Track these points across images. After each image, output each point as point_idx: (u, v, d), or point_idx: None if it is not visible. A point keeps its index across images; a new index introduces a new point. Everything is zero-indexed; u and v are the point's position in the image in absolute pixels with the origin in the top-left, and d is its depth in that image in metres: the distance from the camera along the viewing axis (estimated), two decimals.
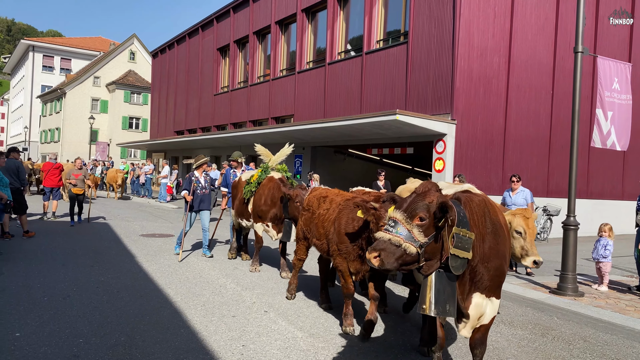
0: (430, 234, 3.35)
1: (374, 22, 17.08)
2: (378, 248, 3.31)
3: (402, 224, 3.33)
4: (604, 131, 8.20)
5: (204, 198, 9.66)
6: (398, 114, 12.36)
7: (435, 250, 3.41)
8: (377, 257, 3.29)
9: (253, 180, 8.71)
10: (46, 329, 5.15)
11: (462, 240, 3.37)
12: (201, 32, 29.15)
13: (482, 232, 3.60)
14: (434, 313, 3.45)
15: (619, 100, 8.27)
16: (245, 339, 5.10)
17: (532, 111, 15.45)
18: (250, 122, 24.03)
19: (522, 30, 15.01)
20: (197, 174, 9.70)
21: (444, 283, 3.50)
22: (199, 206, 9.57)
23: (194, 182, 9.51)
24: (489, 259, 3.63)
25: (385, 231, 3.37)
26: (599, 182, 17.26)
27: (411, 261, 3.33)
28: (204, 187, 9.67)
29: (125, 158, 45.07)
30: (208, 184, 9.81)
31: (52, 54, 56.65)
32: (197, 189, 9.53)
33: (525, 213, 5.22)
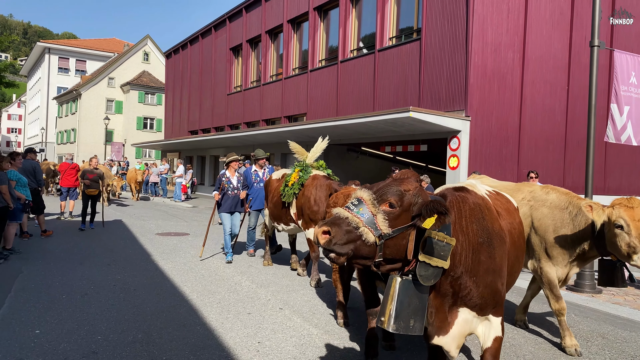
0: (396, 226, 2.77)
1: (386, 19, 17.01)
2: (330, 222, 2.72)
3: (366, 205, 2.76)
4: (618, 126, 8.08)
5: (236, 200, 9.02)
6: (411, 111, 12.32)
7: (399, 249, 2.83)
8: (326, 234, 2.68)
9: (294, 181, 7.81)
10: (65, 326, 5.22)
11: (436, 246, 2.81)
12: (214, 32, 29.29)
13: (471, 241, 3.03)
14: (393, 329, 2.87)
15: (636, 94, 8.14)
16: (260, 336, 5.13)
17: (548, 107, 15.29)
18: (263, 121, 24.11)
19: (536, 25, 14.85)
20: (229, 173, 9.04)
21: (411, 294, 2.93)
22: (230, 208, 8.99)
23: (224, 182, 8.91)
24: (478, 274, 3.05)
25: (345, 208, 2.78)
26: (616, 178, 17.03)
27: (366, 253, 2.73)
28: (235, 187, 8.98)
29: (140, 158, 45.49)
30: (242, 184, 9.16)
31: (67, 55, 57.34)
32: (227, 189, 8.89)
33: (629, 202, 4.32)
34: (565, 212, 4.98)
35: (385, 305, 2.94)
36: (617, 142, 8.39)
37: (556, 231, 4.98)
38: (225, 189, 8.87)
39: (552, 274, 5.06)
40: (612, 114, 8.18)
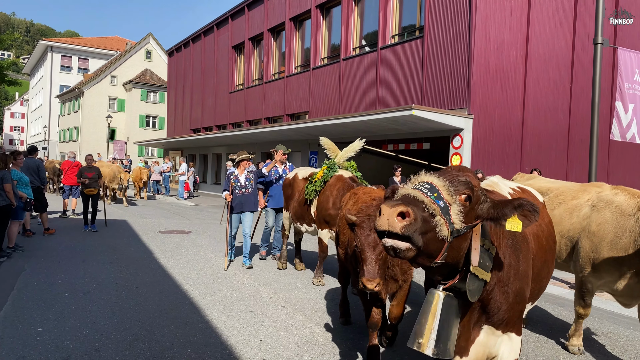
0: (467, 224, 2.33)
1: (388, 17, 16.97)
2: (407, 201, 2.16)
3: (441, 192, 2.26)
4: (623, 124, 8.06)
5: (245, 199, 8.51)
6: (414, 109, 12.29)
7: (458, 253, 2.40)
8: (403, 216, 2.09)
9: (317, 179, 7.50)
10: (68, 323, 5.23)
11: (484, 255, 2.47)
12: (216, 30, 29.27)
13: (500, 245, 2.69)
14: (433, 353, 2.48)
15: None
16: (263, 334, 5.13)
17: (551, 105, 15.24)
18: (265, 119, 24.10)
19: (539, 22, 14.80)
20: (237, 171, 8.62)
21: (453, 313, 2.55)
22: (239, 208, 8.50)
23: (232, 181, 8.53)
24: (508, 282, 2.70)
25: (418, 190, 2.24)
26: (619, 176, 16.98)
27: (433, 250, 2.23)
28: (243, 186, 8.53)
29: (143, 156, 45.54)
30: (252, 182, 8.63)
31: (69, 54, 57.37)
32: (235, 188, 8.49)
33: None
34: (631, 219, 4.32)
35: (423, 325, 2.52)
36: (623, 140, 8.37)
37: (614, 242, 4.38)
38: (233, 188, 8.49)
39: (592, 285, 4.71)
40: (617, 111, 8.16)
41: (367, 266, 3.50)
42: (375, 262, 3.53)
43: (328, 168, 7.51)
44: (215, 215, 16.60)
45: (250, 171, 8.67)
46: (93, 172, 11.89)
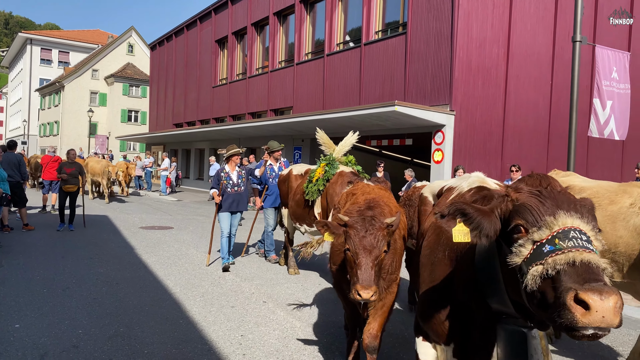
0: None
1: (372, 13, 16.99)
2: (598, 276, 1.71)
3: (592, 238, 1.85)
4: (601, 120, 8.20)
5: (237, 198, 8.02)
6: (397, 105, 12.34)
7: None
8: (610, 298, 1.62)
9: (318, 177, 7.05)
10: (46, 320, 5.17)
11: None
12: (199, 24, 29.02)
13: None
14: None
15: (618, 89, 8.27)
16: (243, 329, 5.13)
17: (531, 102, 15.42)
18: (249, 114, 23.99)
19: (521, 20, 14.95)
20: (228, 168, 8.09)
21: None
22: (230, 207, 7.97)
23: (222, 179, 7.95)
24: None
25: (586, 250, 1.76)
26: (598, 172, 17.26)
27: None
28: (236, 184, 8.01)
29: (125, 151, 45.05)
30: (243, 179, 8.14)
31: (50, 47, 56.40)
32: (226, 186, 7.92)
33: None
34: None
35: None
36: (601, 136, 8.51)
37: None
38: (224, 186, 7.91)
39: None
40: (594, 108, 8.29)
41: (362, 272, 3.17)
42: (371, 267, 3.19)
43: (328, 165, 7.09)
44: (198, 211, 16.52)
45: (241, 168, 8.23)
46: (74, 167, 11.19)
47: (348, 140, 7.47)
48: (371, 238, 3.25)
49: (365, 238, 3.26)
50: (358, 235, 3.28)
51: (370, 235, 3.26)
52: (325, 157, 7.33)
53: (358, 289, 3.11)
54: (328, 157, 7.26)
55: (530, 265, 1.81)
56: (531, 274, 1.79)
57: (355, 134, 7.58)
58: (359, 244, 3.25)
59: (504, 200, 2.08)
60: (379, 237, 3.27)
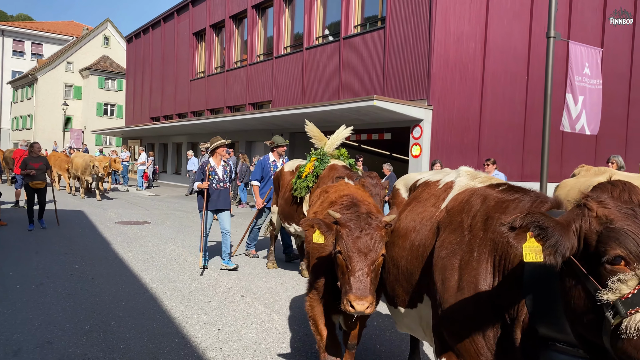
0: None
1: (351, 7, 16.99)
2: None
3: None
4: (573, 115, 8.35)
5: (222, 194, 7.49)
6: (375, 99, 12.38)
7: None
8: None
9: (307, 173, 6.64)
10: (19, 316, 5.08)
11: None
12: (177, 16, 28.64)
13: None
14: None
15: (590, 85, 8.43)
16: (221, 323, 5.11)
17: (508, 96, 15.61)
18: (227, 108, 23.81)
19: (497, 16, 15.10)
20: (213, 161, 7.48)
21: None
22: (216, 205, 7.42)
23: (208, 173, 7.35)
24: None
25: None
26: (572, 166, 17.46)
27: None
28: (221, 179, 7.47)
29: (101, 145, 44.34)
30: (228, 175, 7.62)
31: (22, 38, 55.03)
32: (212, 182, 7.35)
33: None
34: None
35: None
36: (572, 131, 8.67)
37: None
38: (209, 181, 7.34)
39: None
40: (567, 103, 8.44)
41: (357, 280, 2.71)
42: (367, 274, 2.74)
43: (318, 159, 6.69)
44: (175, 206, 16.36)
45: (227, 163, 7.71)
46: (40, 162, 10.51)
47: (340, 134, 7.14)
48: (367, 239, 2.82)
49: (361, 239, 2.82)
50: (352, 235, 2.83)
51: (366, 236, 2.83)
52: (315, 151, 6.96)
53: (351, 299, 2.67)
54: (318, 151, 6.89)
55: (632, 308, 1.57)
56: (635, 321, 1.55)
57: (348, 127, 7.33)
58: (352, 246, 2.80)
59: (584, 214, 1.76)
60: (377, 237, 2.85)
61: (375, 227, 2.88)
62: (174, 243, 9.53)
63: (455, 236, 2.48)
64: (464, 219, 2.51)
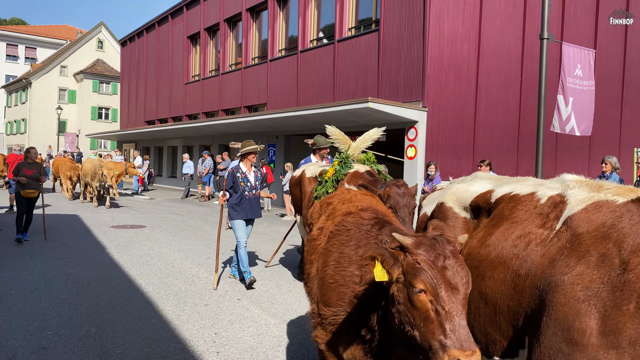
0: None
1: (345, 9, 17.03)
2: None
3: None
4: (563, 117, 8.41)
5: (255, 203, 6.90)
6: (370, 101, 12.41)
7: None
8: None
9: (328, 178, 6.19)
10: (14, 322, 5.06)
11: None
12: (171, 19, 28.62)
13: None
14: None
15: (581, 86, 8.48)
16: (217, 327, 5.11)
17: (502, 98, 15.68)
18: (222, 111, 23.79)
19: (491, 17, 15.17)
20: (244, 167, 6.90)
21: None
22: (249, 214, 6.84)
23: (239, 180, 6.80)
24: None
25: None
26: (567, 167, 17.58)
27: None
28: (254, 186, 6.87)
29: (96, 149, 44.20)
30: (260, 181, 7.01)
31: (16, 42, 54.84)
32: (244, 189, 6.78)
33: None
34: None
35: None
36: (562, 132, 8.72)
37: None
38: (241, 189, 6.78)
39: None
40: (558, 104, 8.49)
41: (456, 327, 2.03)
42: (464, 317, 2.09)
43: (340, 164, 6.20)
44: (171, 209, 16.32)
45: (257, 168, 7.18)
46: (34, 169, 9.65)
47: (368, 135, 6.56)
48: (457, 269, 2.15)
49: (448, 270, 2.12)
50: (436, 266, 2.12)
51: (454, 266, 2.14)
52: (339, 154, 6.44)
53: (457, 356, 1.97)
54: (342, 154, 6.37)
55: None
56: None
57: (380, 128, 6.81)
58: (442, 281, 2.09)
59: None
60: (464, 267, 2.19)
61: (457, 253, 2.22)
62: (169, 247, 9.51)
63: (599, 273, 1.99)
64: (611, 250, 2.02)
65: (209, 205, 18.23)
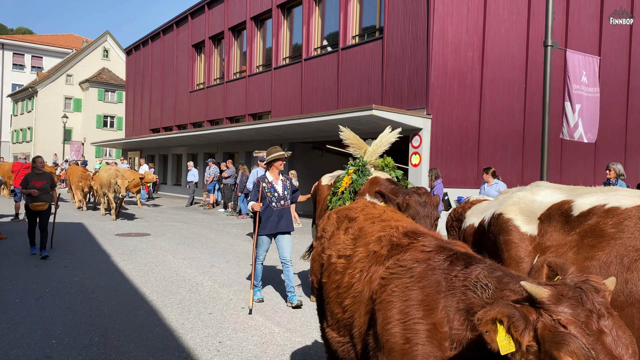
0: None
1: (349, 17, 17.09)
2: None
3: None
4: (571, 124, 8.38)
5: (283, 215, 6.20)
6: (374, 109, 12.41)
7: None
8: None
9: (344, 187, 5.62)
10: (18, 331, 5.05)
11: None
12: (176, 28, 28.81)
13: None
14: None
15: (587, 93, 8.46)
16: (221, 336, 5.09)
17: (506, 105, 15.66)
18: (226, 118, 23.87)
19: (495, 25, 15.19)
20: (271, 176, 6.26)
21: None
22: (276, 227, 6.15)
23: (265, 190, 6.19)
24: None
25: None
26: (572, 175, 17.62)
27: None
28: (282, 197, 6.21)
29: (101, 157, 44.39)
30: (289, 191, 6.33)
31: (22, 51, 55.32)
32: (270, 200, 6.15)
33: None
34: None
35: None
36: (571, 139, 8.69)
37: None
38: (268, 200, 6.17)
39: None
40: (565, 111, 8.47)
41: None
42: None
43: (357, 172, 5.61)
44: (175, 217, 16.33)
45: (286, 177, 6.52)
46: (43, 180, 8.87)
47: (384, 137, 5.99)
48: (619, 333, 1.52)
49: (607, 336, 1.50)
50: (590, 330, 1.51)
51: (614, 328, 1.52)
52: (354, 161, 5.88)
53: None
54: (357, 161, 5.78)
55: None
56: None
57: (395, 130, 6.11)
58: (603, 352, 1.48)
59: None
60: (625, 328, 1.56)
61: (611, 310, 1.57)
62: (174, 255, 9.50)
63: None
64: None
65: (214, 213, 18.24)
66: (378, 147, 5.91)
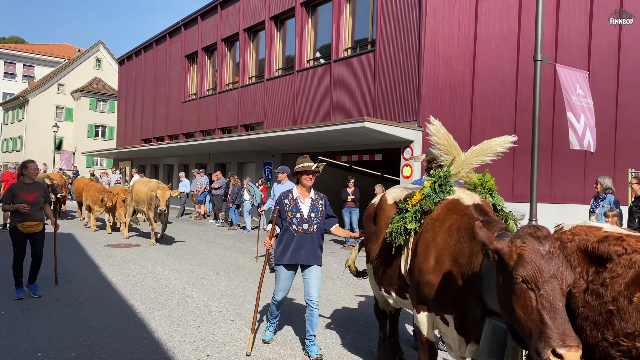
0: None
1: (341, 30, 17.22)
2: None
3: None
4: (579, 132, 8.45)
5: (305, 241, 4.89)
6: (366, 121, 12.47)
7: None
8: None
9: (414, 205, 3.92)
10: (3, 343, 4.98)
11: None
12: (169, 39, 28.86)
13: None
14: None
15: (587, 104, 8.57)
16: (210, 349, 5.04)
17: (497, 118, 15.78)
18: (219, 129, 23.86)
19: (486, 39, 15.35)
20: (297, 192, 5.01)
21: None
22: (294, 258, 4.89)
23: (287, 208, 4.92)
24: None
25: None
26: (562, 186, 17.73)
27: None
28: (306, 219, 4.91)
29: (92, 167, 44.14)
30: (318, 214, 4.95)
31: (14, 60, 55.15)
32: (291, 222, 4.90)
33: None
34: None
35: None
36: (581, 148, 8.75)
37: None
38: (288, 221, 4.93)
39: None
40: (570, 122, 8.54)
41: None
42: None
43: (434, 184, 3.91)
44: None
45: (320, 196, 5.10)
46: (36, 192, 6.83)
47: (488, 145, 4.29)
48: None
49: None
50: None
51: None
52: (437, 170, 4.16)
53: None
54: (443, 170, 4.04)
55: None
56: None
57: (511, 136, 4.41)
58: None
59: None
60: None
61: None
62: (163, 266, 9.43)
63: None
64: None
65: (204, 224, 18.16)
66: (476, 155, 4.21)
